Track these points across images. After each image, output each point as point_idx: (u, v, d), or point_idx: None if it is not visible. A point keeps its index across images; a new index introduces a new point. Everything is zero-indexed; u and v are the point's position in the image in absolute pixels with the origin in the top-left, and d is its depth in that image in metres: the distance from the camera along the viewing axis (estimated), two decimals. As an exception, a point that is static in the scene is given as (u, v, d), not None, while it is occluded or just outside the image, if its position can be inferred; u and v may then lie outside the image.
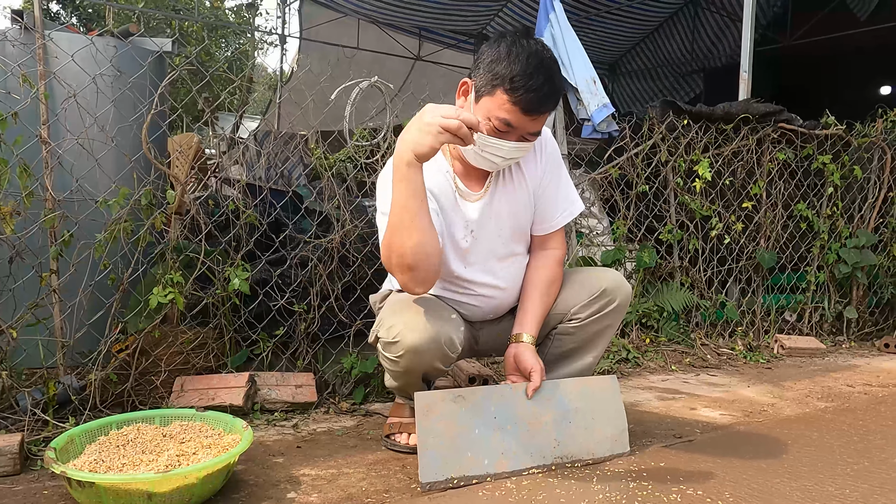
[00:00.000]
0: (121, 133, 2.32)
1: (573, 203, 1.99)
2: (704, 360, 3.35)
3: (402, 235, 1.59)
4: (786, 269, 3.96)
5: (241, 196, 2.74)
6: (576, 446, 1.84)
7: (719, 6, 9.51)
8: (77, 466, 1.57)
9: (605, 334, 1.98)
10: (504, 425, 1.77)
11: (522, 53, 1.64)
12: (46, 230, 2.13)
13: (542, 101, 1.65)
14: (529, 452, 1.79)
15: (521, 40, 1.68)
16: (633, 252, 3.59)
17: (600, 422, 1.89)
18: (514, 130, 1.69)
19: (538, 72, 1.63)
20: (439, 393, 1.75)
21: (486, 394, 1.79)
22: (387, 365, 1.84)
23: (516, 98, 1.63)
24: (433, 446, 1.69)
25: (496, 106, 1.66)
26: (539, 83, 1.63)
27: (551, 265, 1.95)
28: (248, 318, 2.52)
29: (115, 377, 2.17)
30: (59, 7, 13.99)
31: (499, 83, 1.65)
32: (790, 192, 3.91)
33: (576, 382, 1.90)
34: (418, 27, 9.93)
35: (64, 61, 2.23)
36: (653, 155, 3.60)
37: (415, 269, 1.62)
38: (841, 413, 2.50)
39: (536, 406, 1.82)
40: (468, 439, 1.73)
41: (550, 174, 1.93)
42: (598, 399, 1.90)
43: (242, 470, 1.81)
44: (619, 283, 1.95)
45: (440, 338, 1.72)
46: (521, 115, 1.66)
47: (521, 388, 1.82)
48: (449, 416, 1.72)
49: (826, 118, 3.96)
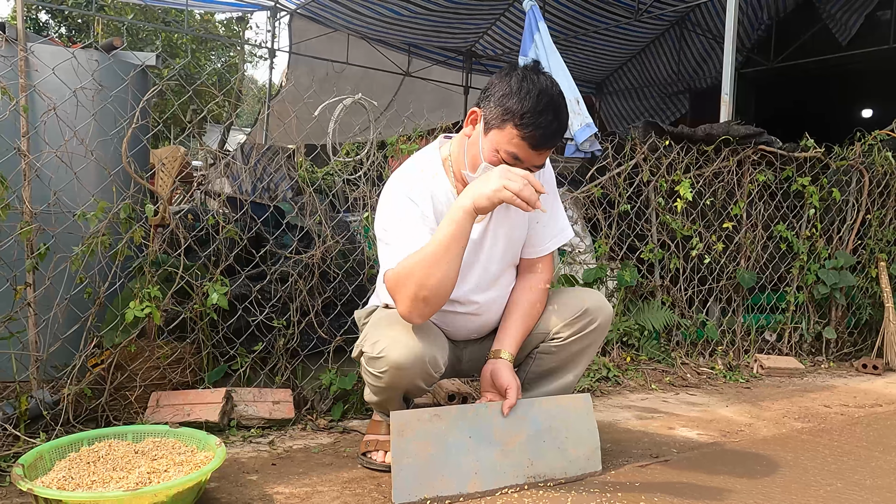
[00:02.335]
0: (101, 146, 2.31)
1: (563, 230, 2.03)
2: (684, 378, 3.37)
3: (431, 268, 1.65)
4: (766, 289, 3.99)
5: (223, 210, 2.73)
6: (549, 466, 1.84)
7: (704, 28, 9.66)
8: (45, 483, 1.55)
9: (587, 353, 2.00)
10: (478, 445, 1.77)
11: (533, 90, 1.68)
12: (23, 242, 2.12)
13: (549, 137, 1.70)
14: (503, 472, 1.78)
15: (531, 75, 1.71)
16: (614, 270, 3.61)
17: (573, 441, 1.89)
18: (520, 163, 1.72)
19: (548, 109, 1.67)
20: (415, 412, 1.75)
21: (461, 413, 1.79)
22: (369, 380, 1.85)
23: (526, 134, 1.68)
24: (407, 466, 1.69)
25: (505, 140, 1.70)
26: (548, 121, 1.67)
27: (537, 288, 1.97)
28: (227, 333, 2.50)
29: (89, 392, 2.15)
30: (48, 17, 13.96)
31: (509, 118, 1.68)
32: (770, 213, 3.96)
33: (549, 401, 1.91)
34: (408, 43, 10.00)
35: (45, 74, 2.23)
36: (635, 175, 3.63)
37: (427, 303, 1.68)
38: (817, 434, 2.52)
39: (511, 425, 1.82)
40: (442, 459, 1.73)
41: (546, 200, 1.93)
42: (571, 418, 1.91)
43: (215, 488, 1.79)
44: (600, 303, 1.98)
45: (425, 357, 1.73)
46: (529, 150, 1.70)
47: (496, 407, 1.82)
48: (424, 436, 1.72)
49: (805, 140, 4.02)
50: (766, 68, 9.27)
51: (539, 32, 3.67)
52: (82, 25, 13.44)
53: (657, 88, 11.09)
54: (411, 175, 1.88)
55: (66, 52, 2.30)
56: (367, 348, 1.80)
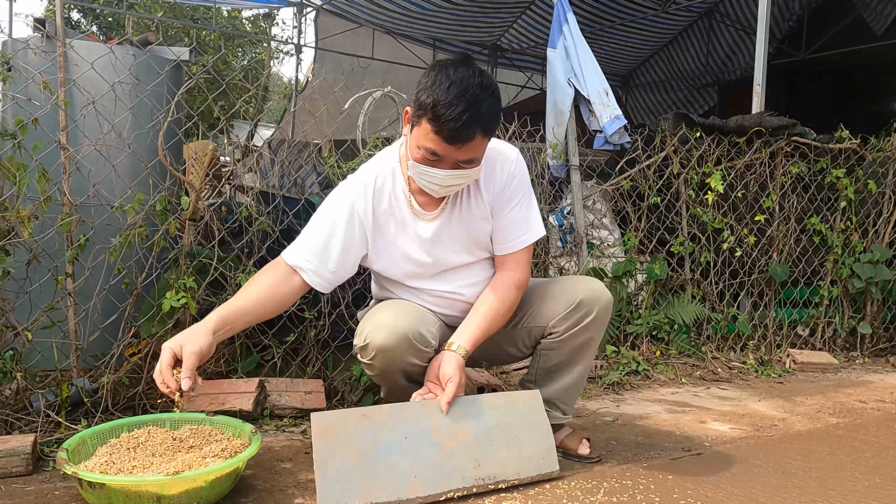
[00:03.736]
0: (137, 140, 2.36)
1: (530, 230, 1.92)
2: (715, 373, 3.33)
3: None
4: (798, 283, 3.93)
5: (255, 203, 2.77)
6: (499, 466, 1.72)
7: (734, 19, 9.50)
8: (88, 468, 1.58)
9: (590, 346, 1.95)
10: (416, 446, 1.65)
11: (444, 82, 1.60)
12: (63, 234, 2.17)
13: (462, 130, 1.60)
14: (446, 474, 1.65)
15: (448, 69, 1.64)
16: (643, 264, 3.58)
17: (526, 439, 1.77)
18: (442, 159, 1.66)
19: (458, 101, 1.58)
20: (339, 412, 1.67)
21: (395, 411, 1.68)
22: (366, 371, 1.85)
23: (437, 127, 1.60)
24: (334, 472, 1.56)
25: (422, 135, 1.64)
26: (458, 112, 1.58)
27: (505, 288, 1.88)
28: (259, 324, 2.53)
29: (126, 380, 2.20)
30: (80, 16, 14.21)
31: (423, 113, 1.63)
32: (803, 205, 3.89)
33: (495, 398, 1.82)
34: (433, 38, 9.99)
35: (84, 69, 2.28)
36: (665, 167, 3.59)
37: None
38: (853, 429, 2.48)
39: (453, 423, 1.70)
40: (375, 463, 1.60)
41: (511, 193, 1.88)
42: (521, 415, 1.80)
43: (250, 475, 1.82)
44: (596, 292, 1.91)
45: (408, 333, 1.73)
46: (443, 143, 1.62)
47: (434, 405, 1.72)
48: (351, 438, 1.60)
49: (840, 132, 3.94)
50: (798, 59, 9.08)
51: (568, 24, 3.64)
52: (113, 23, 13.66)
53: (685, 81, 10.94)
54: (367, 174, 1.85)
55: (103, 48, 2.35)
56: (356, 340, 1.81)
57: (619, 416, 2.54)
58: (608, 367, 3.14)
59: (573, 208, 3.56)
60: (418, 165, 1.69)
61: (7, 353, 2.08)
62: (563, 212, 3.68)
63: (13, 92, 2.19)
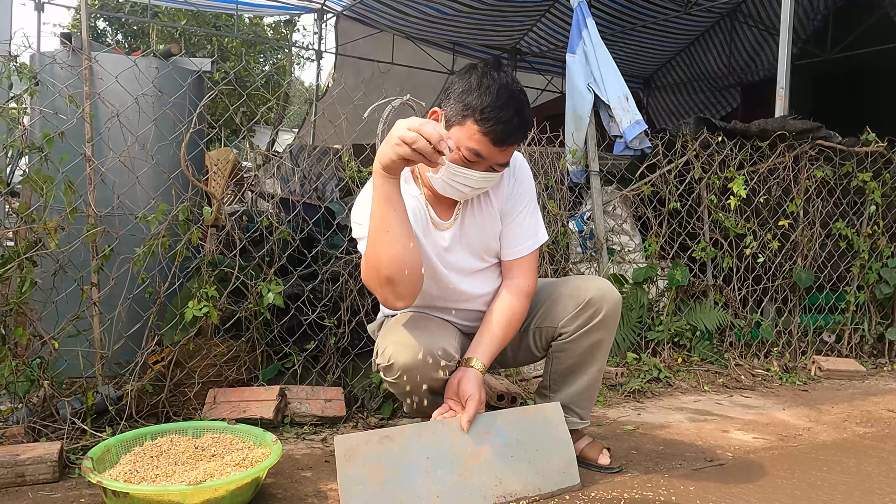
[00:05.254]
0: (160, 151, 2.40)
1: (536, 235, 1.94)
2: (738, 381, 3.29)
3: (377, 246, 1.57)
4: (824, 289, 3.87)
5: (275, 211, 2.79)
6: (519, 483, 1.71)
7: (757, 20, 9.38)
8: (112, 476, 1.61)
9: (601, 347, 1.94)
10: (438, 466, 1.65)
11: (493, 85, 1.64)
12: (88, 245, 2.21)
13: (511, 132, 1.65)
14: (468, 493, 1.66)
15: (491, 72, 1.68)
16: (665, 270, 3.55)
17: (546, 454, 1.77)
18: (482, 161, 1.68)
19: (509, 104, 1.63)
20: (362, 434, 1.66)
21: (416, 432, 1.68)
22: (390, 389, 1.84)
23: (486, 129, 1.63)
24: (358, 495, 1.57)
25: (466, 136, 1.65)
26: (509, 115, 1.63)
27: (514, 295, 1.89)
28: (280, 331, 2.56)
29: (150, 388, 2.23)
30: (105, 24, 14.48)
31: (469, 114, 1.64)
32: (828, 210, 3.82)
33: (515, 413, 1.81)
34: (452, 42, 10.02)
35: (108, 82, 2.32)
36: (686, 172, 3.56)
37: (393, 283, 1.59)
38: (881, 439, 2.43)
39: (473, 441, 1.70)
40: (397, 484, 1.61)
41: (518, 198, 1.90)
42: (541, 429, 1.79)
43: (271, 483, 1.84)
44: (604, 291, 1.90)
45: (432, 349, 1.72)
46: (490, 145, 1.65)
47: (454, 423, 1.71)
48: (374, 460, 1.61)
49: (867, 135, 3.87)
50: (823, 59, 8.94)
51: (587, 29, 3.63)
52: (138, 32, 13.89)
53: (707, 82, 10.82)
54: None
55: (127, 61, 2.39)
56: (379, 360, 1.80)
57: (640, 425, 2.52)
58: (629, 374, 3.12)
59: (593, 214, 3.54)
60: (453, 166, 1.69)
61: (35, 361, 2.12)
62: (583, 217, 3.67)
63: (40, 105, 2.23)
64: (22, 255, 2.01)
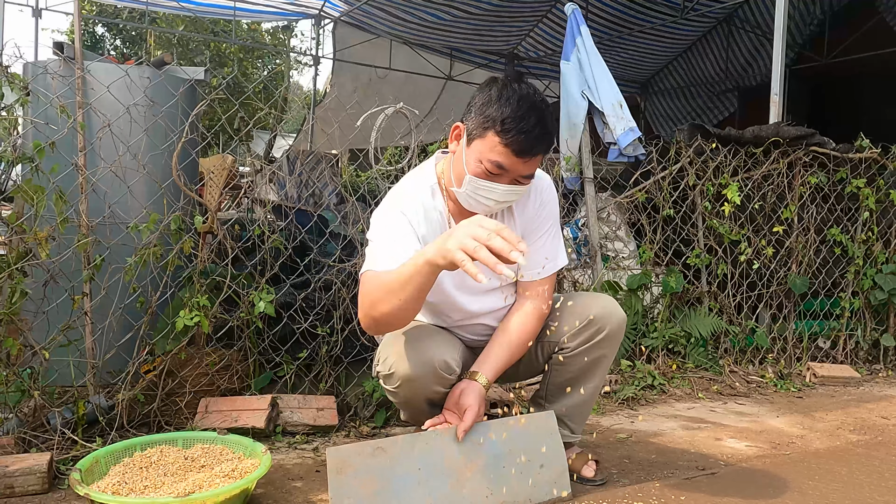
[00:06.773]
0: (152, 160, 2.40)
1: (555, 259, 1.93)
2: (733, 387, 3.29)
3: (385, 297, 1.57)
4: (819, 295, 3.87)
5: (268, 218, 2.79)
6: (511, 493, 1.71)
7: (754, 24, 9.40)
8: (101, 488, 1.61)
9: (601, 364, 1.93)
10: (430, 477, 1.65)
11: (514, 96, 1.64)
12: (80, 254, 2.21)
13: (533, 142, 1.64)
14: None
15: (512, 84, 1.68)
16: (659, 276, 3.55)
17: (538, 462, 1.77)
18: (506, 173, 1.67)
19: (529, 114, 1.62)
20: (354, 446, 1.65)
21: (409, 443, 1.67)
22: (390, 397, 1.85)
23: (508, 140, 1.62)
24: None
25: (488, 148, 1.65)
26: (531, 125, 1.62)
27: (528, 318, 1.88)
28: (272, 340, 2.56)
29: (142, 397, 2.23)
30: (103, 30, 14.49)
31: (490, 125, 1.64)
32: (823, 216, 3.83)
33: (507, 423, 1.80)
34: (450, 47, 10.03)
35: (100, 92, 2.32)
36: (680, 179, 3.57)
37: (376, 324, 1.63)
38: (874, 447, 2.43)
39: (465, 452, 1.70)
40: (389, 495, 1.60)
41: (541, 221, 1.89)
42: (534, 437, 1.79)
43: (261, 493, 1.83)
44: (609, 310, 1.90)
45: (434, 362, 1.72)
46: (513, 157, 1.64)
47: (449, 434, 1.71)
48: (366, 472, 1.60)
49: (860, 141, 3.87)
50: (819, 65, 8.96)
51: (581, 36, 3.63)
52: (135, 38, 13.90)
53: (704, 87, 10.84)
54: (405, 191, 1.84)
55: (119, 70, 2.39)
56: (380, 368, 1.80)
57: (632, 433, 2.52)
58: (623, 381, 3.12)
59: (587, 220, 3.54)
60: (476, 180, 1.68)
61: (25, 371, 2.12)
62: (578, 224, 3.67)
63: (32, 116, 2.24)
64: (13, 266, 2.01)
